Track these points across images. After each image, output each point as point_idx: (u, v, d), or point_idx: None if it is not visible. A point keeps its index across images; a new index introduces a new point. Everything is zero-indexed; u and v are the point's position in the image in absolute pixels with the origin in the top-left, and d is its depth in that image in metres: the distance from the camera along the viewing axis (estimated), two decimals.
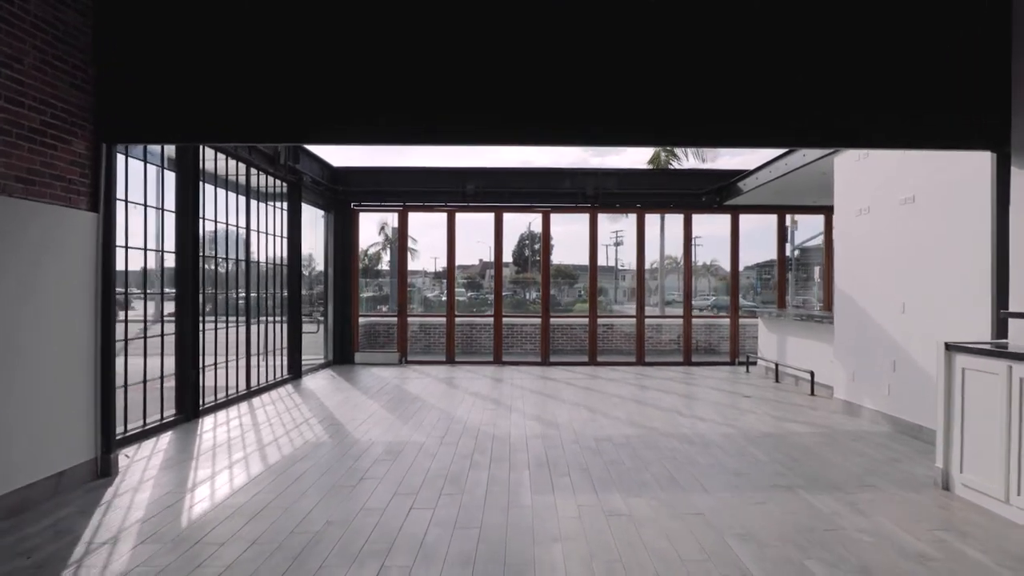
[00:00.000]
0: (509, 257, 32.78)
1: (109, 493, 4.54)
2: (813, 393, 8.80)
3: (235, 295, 8.47)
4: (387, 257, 35.24)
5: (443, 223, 12.22)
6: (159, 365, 6.59)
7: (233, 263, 8.46)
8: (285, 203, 10.04)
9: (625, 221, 26.18)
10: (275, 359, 9.60)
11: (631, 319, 12.79)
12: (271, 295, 9.58)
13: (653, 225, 24.37)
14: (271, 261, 9.60)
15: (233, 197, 8.23)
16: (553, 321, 13.14)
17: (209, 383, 7.55)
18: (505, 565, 3.44)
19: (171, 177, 6.83)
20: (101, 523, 3.99)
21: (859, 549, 3.66)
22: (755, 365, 11.39)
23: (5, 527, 3.89)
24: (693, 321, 12.57)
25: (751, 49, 5.09)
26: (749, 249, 17.39)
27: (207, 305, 7.95)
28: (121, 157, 5.69)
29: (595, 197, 12.02)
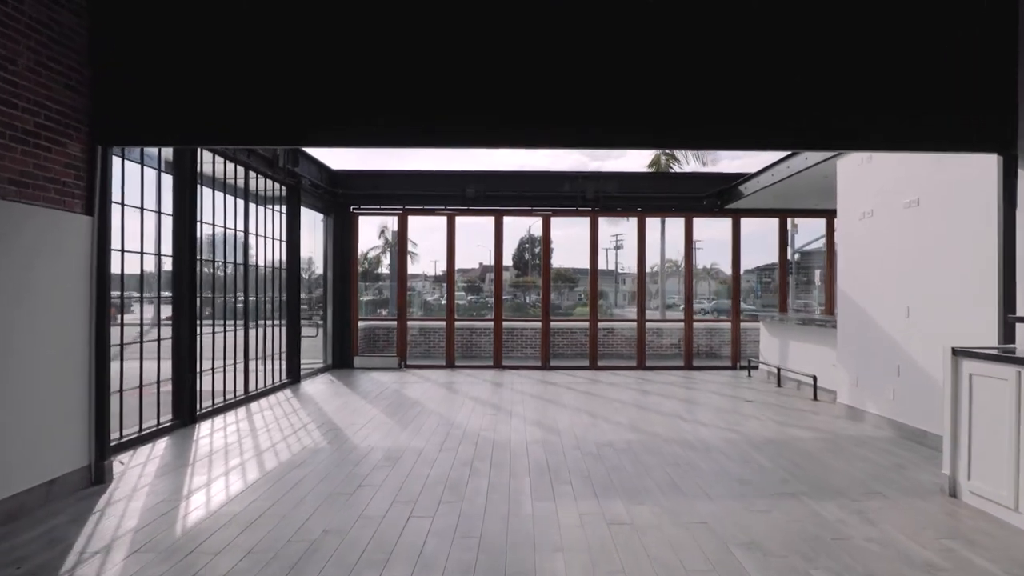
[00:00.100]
0: (509, 261, 32.74)
1: (102, 501, 4.47)
2: (816, 398, 8.72)
3: (233, 299, 8.40)
4: (387, 261, 35.16)
5: (443, 226, 12.18)
6: (156, 369, 6.53)
7: (231, 267, 8.40)
8: (284, 206, 9.99)
9: (625, 224, 26.10)
10: (274, 363, 9.53)
11: (632, 323, 12.72)
12: (270, 299, 9.51)
13: (654, 229, 24.33)
14: (270, 265, 9.53)
15: (231, 200, 8.17)
16: (553, 325, 13.08)
17: (207, 388, 7.48)
18: None
19: (168, 180, 6.78)
20: (94, 532, 3.92)
21: (866, 558, 3.59)
22: (757, 369, 11.32)
23: None
24: (694, 325, 12.50)
25: (749, 49, 5.02)
26: (749, 253, 17.37)
27: (205, 309, 7.89)
28: (117, 160, 5.64)
29: (596, 200, 11.97)
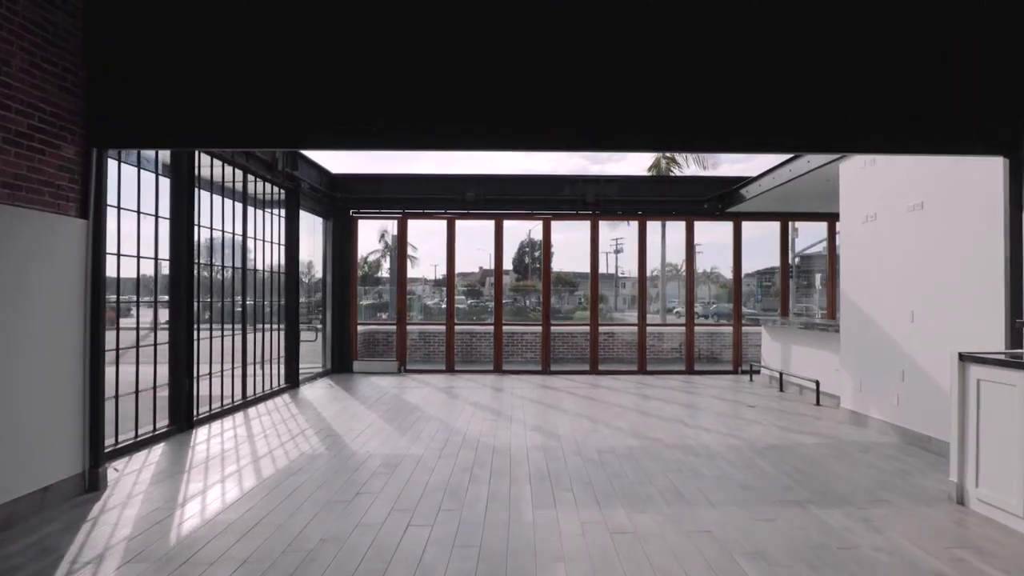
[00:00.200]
0: (509, 264, 32.68)
1: (96, 508, 4.40)
2: (819, 403, 8.65)
3: (231, 303, 8.34)
4: (387, 264, 35.08)
5: (443, 230, 12.13)
6: (152, 375, 6.45)
7: (230, 270, 8.33)
8: (283, 210, 9.93)
9: (625, 228, 26.12)
10: (272, 368, 9.45)
11: (632, 327, 12.65)
12: (268, 303, 9.45)
13: (654, 233, 24.27)
14: (269, 268, 9.47)
15: (230, 204, 8.11)
16: (554, 329, 13.01)
17: (204, 392, 7.41)
18: None
19: (166, 183, 6.72)
20: (87, 541, 3.85)
21: (873, 568, 3.51)
22: (758, 374, 11.25)
23: None
24: (695, 329, 12.43)
25: (750, 50, 4.95)
26: (749, 256, 17.29)
27: (203, 313, 7.82)
28: (114, 163, 5.59)
29: (596, 204, 11.92)
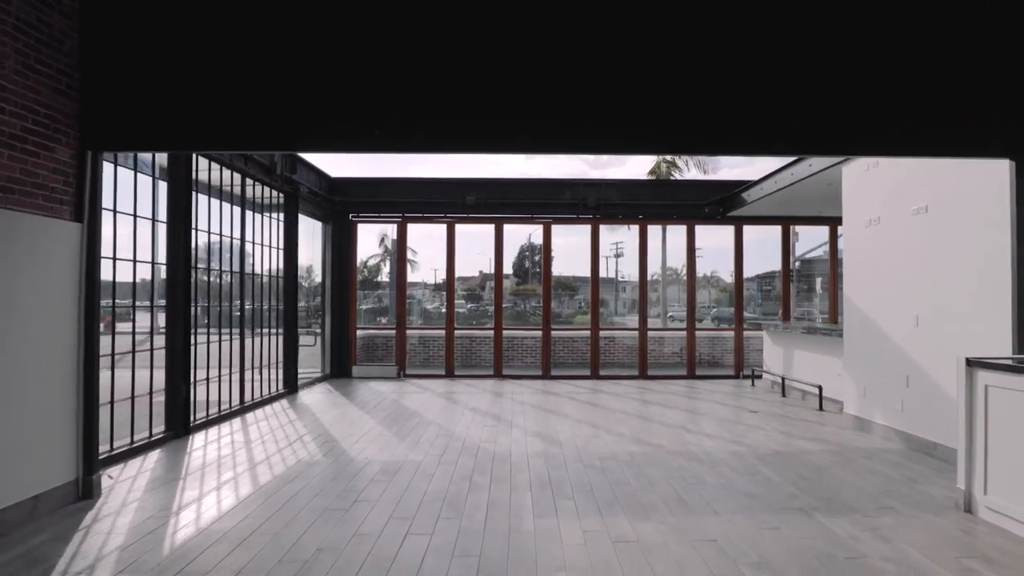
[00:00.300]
0: (509, 269, 32.58)
1: (89, 517, 4.32)
2: (821, 408, 8.57)
3: (229, 307, 8.27)
4: (387, 269, 35.03)
5: (443, 234, 12.06)
6: (148, 380, 6.37)
7: (228, 275, 8.27)
8: (281, 214, 9.87)
9: (626, 233, 25.98)
10: (270, 373, 9.38)
11: (633, 332, 12.58)
12: (267, 307, 9.38)
13: (654, 237, 24.19)
14: (267, 273, 9.40)
15: (228, 207, 8.05)
16: (554, 334, 12.93)
17: (201, 398, 7.34)
18: None
19: (163, 187, 6.66)
20: (78, 550, 3.77)
21: None
22: (760, 379, 11.17)
23: None
24: (696, 334, 12.34)
25: (753, 52, 4.88)
26: (748, 260, 17.17)
27: (201, 318, 7.76)
28: (110, 166, 5.53)
29: (596, 208, 11.86)
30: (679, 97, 4.90)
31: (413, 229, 12.24)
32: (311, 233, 11.68)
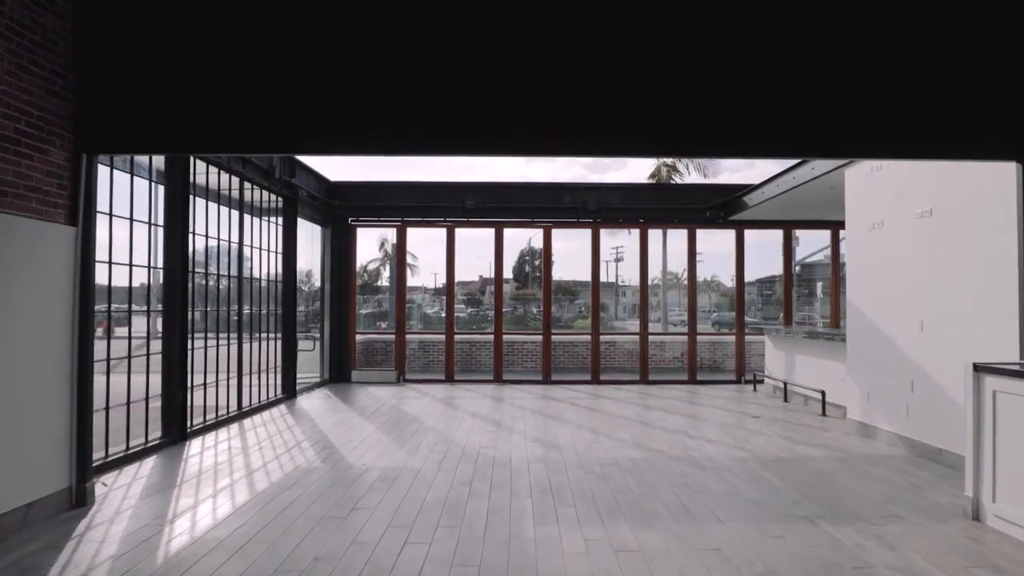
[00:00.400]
0: (509, 273, 32.50)
1: (82, 525, 4.25)
2: (824, 413, 8.50)
3: (227, 312, 8.20)
4: (387, 273, 34.97)
5: (442, 238, 12.00)
6: (145, 385, 6.31)
7: (225, 279, 8.21)
8: (280, 218, 9.81)
9: (626, 237, 25.96)
10: (269, 378, 9.31)
11: (634, 336, 12.51)
12: (265, 312, 9.31)
13: (655, 241, 24.15)
14: (266, 277, 9.34)
15: (226, 211, 8.00)
16: (555, 338, 12.86)
17: (198, 403, 7.27)
18: None
19: (160, 190, 6.60)
20: (70, 559, 3.70)
21: None
22: (762, 384, 11.10)
23: None
24: (697, 338, 12.27)
25: (747, 50, 4.81)
26: (749, 264, 17.11)
27: (203, 322, 7.70)
28: (106, 169, 5.47)
29: (597, 212, 11.81)
30: (675, 98, 4.84)
31: (413, 233, 12.20)
32: (310, 237, 11.64)
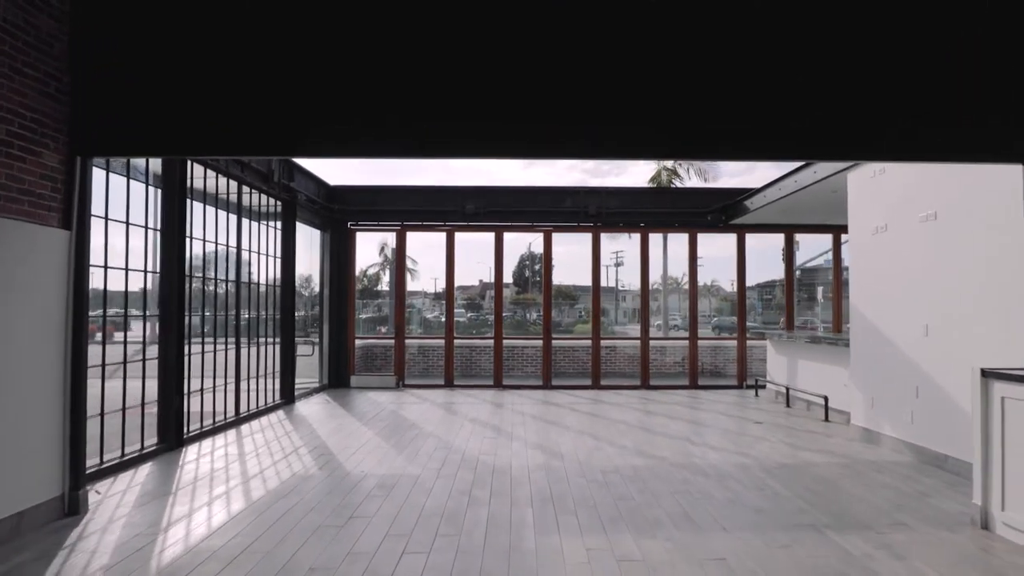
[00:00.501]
0: (509, 278, 32.44)
1: (74, 535, 4.17)
2: (827, 419, 8.42)
3: (225, 317, 8.13)
4: (387, 278, 34.93)
5: (442, 243, 11.94)
6: (141, 391, 6.23)
7: (223, 283, 8.14)
8: (279, 222, 9.75)
9: (627, 241, 25.90)
10: (267, 383, 9.23)
11: (635, 341, 12.43)
12: (264, 317, 9.24)
13: (656, 245, 24.08)
14: (264, 281, 9.28)
15: (224, 215, 7.94)
16: (555, 343, 12.77)
17: (195, 409, 7.18)
18: None
19: (157, 194, 6.54)
20: (61, 570, 3.62)
21: None
22: (764, 389, 11.02)
23: None
24: (699, 343, 12.19)
25: (750, 49, 4.72)
26: (749, 269, 17.03)
27: (205, 327, 7.64)
28: (102, 172, 5.42)
29: (598, 216, 11.75)
30: (677, 98, 4.75)
31: (412, 238, 12.15)
32: (309, 241, 11.57)
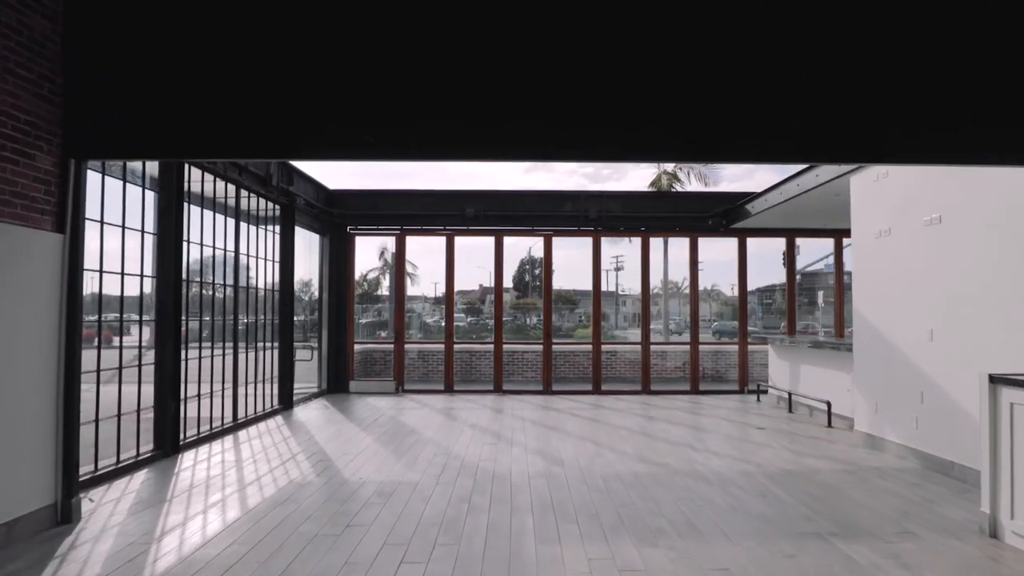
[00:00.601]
0: (509, 282, 32.37)
1: (66, 544, 4.09)
2: (830, 425, 8.33)
3: (222, 321, 8.05)
4: (387, 282, 34.91)
5: (442, 247, 11.88)
6: (136, 396, 6.15)
7: (221, 288, 8.07)
8: (277, 226, 9.69)
9: (627, 246, 25.83)
10: (265, 388, 9.15)
11: (635, 346, 12.36)
12: (262, 321, 9.17)
13: (656, 250, 24.02)
14: (263, 286, 9.21)
15: (222, 219, 7.88)
16: (555, 348, 12.68)
17: (192, 414, 7.11)
18: None
19: (154, 198, 6.48)
20: None
21: None
22: (766, 394, 10.93)
23: None
24: (700, 348, 12.11)
25: (753, 46, 4.63)
26: (750, 274, 17.00)
27: (203, 331, 7.57)
28: (97, 176, 5.36)
29: (598, 220, 11.69)
30: (681, 98, 4.68)
31: (412, 242, 12.08)
32: (308, 246, 11.51)
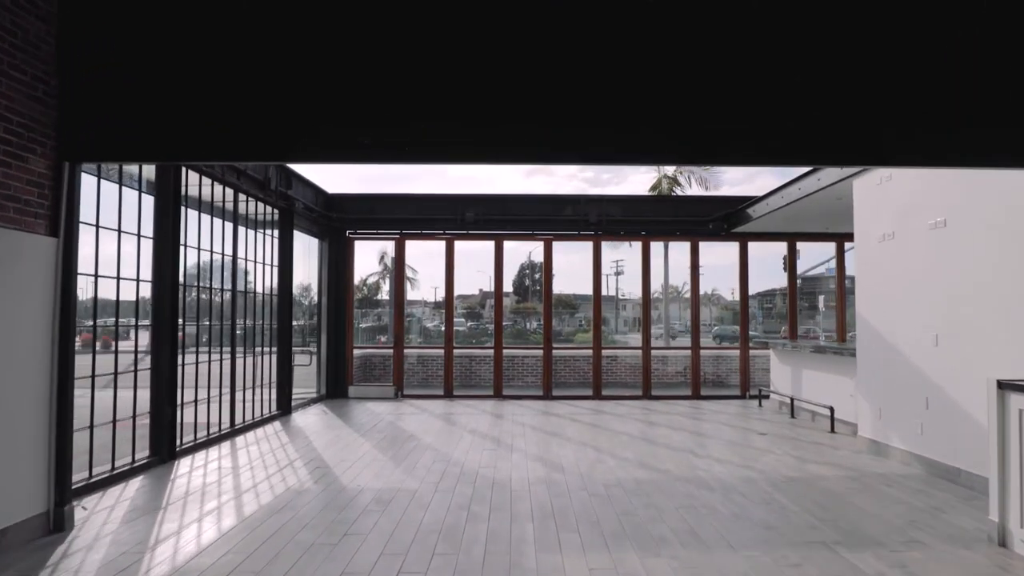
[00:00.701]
0: (509, 287, 32.31)
1: (58, 552, 4.01)
2: (833, 430, 8.26)
3: (220, 326, 7.98)
4: (387, 287, 34.85)
5: (442, 252, 11.82)
6: (132, 402, 6.08)
7: (218, 292, 8.01)
8: (276, 230, 9.63)
9: (627, 251, 25.80)
10: (263, 394, 9.07)
11: (636, 350, 12.29)
12: (260, 326, 9.10)
13: (657, 254, 23.97)
14: (261, 290, 9.15)
15: (220, 223, 7.82)
16: (555, 353, 12.61)
17: (189, 420, 7.04)
18: None
19: (150, 201, 6.43)
20: None
21: None
22: (767, 399, 10.85)
23: None
24: (701, 352, 12.04)
25: (750, 50, 4.58)
26: (750, 278, 16.93)
27: (201, 336, 7.50)
28: (93, 179, 5.30)
29: (599, 224, 11.63)
30: (674, 99, 4.62)
31: (412, 246, 12.04)
32: (307, 250, 11.46)
